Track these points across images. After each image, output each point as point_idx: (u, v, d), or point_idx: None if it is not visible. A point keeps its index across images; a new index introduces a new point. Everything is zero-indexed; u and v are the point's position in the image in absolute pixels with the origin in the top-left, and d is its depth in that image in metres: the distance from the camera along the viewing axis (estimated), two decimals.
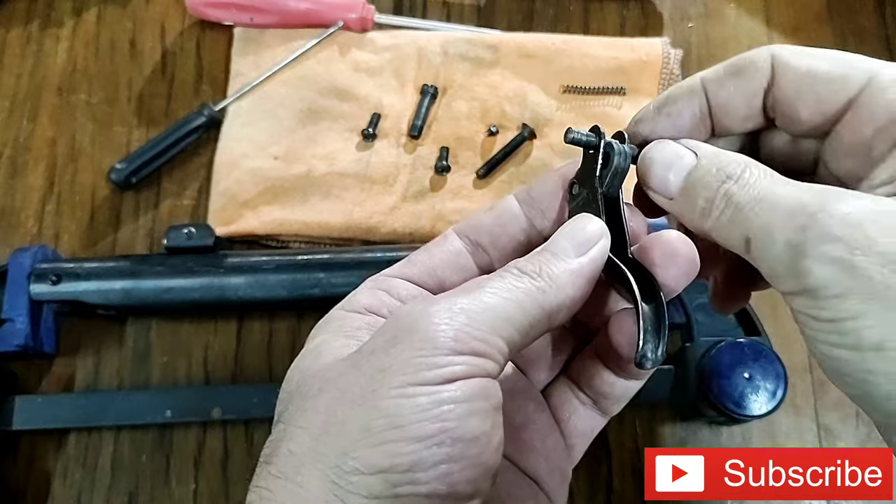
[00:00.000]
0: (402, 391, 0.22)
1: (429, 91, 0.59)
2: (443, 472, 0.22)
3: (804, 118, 0.27)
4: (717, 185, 0.25)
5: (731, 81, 0.27)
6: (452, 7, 0.65)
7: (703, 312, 0.50)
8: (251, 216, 0.56)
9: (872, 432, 0.51)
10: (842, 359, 0.23)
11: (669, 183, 0.27)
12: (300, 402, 0.24)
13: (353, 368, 0.24)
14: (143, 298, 0.51)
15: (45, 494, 0.51)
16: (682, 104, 0.28)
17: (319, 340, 0.27)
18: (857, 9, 0.64)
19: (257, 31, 0.62)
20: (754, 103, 0.28)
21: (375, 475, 0.21)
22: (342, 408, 0.23)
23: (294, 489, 0.22)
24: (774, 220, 0.23)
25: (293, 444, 0.23)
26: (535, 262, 0.26)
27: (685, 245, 0.26)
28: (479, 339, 0.23)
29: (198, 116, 0.58)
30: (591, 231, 0.27)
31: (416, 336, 0.23)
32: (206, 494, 0.50)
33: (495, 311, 0.24)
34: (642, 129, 0.29)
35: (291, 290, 0.51)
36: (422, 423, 0.22)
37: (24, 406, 0.50)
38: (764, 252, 0.24)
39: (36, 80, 0.62)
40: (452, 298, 0.24)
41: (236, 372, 0.54)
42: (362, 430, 0.22)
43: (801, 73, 0.26)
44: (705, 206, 0.26)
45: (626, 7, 0.64)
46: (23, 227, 0.57)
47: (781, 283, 0.24)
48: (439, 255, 0.30)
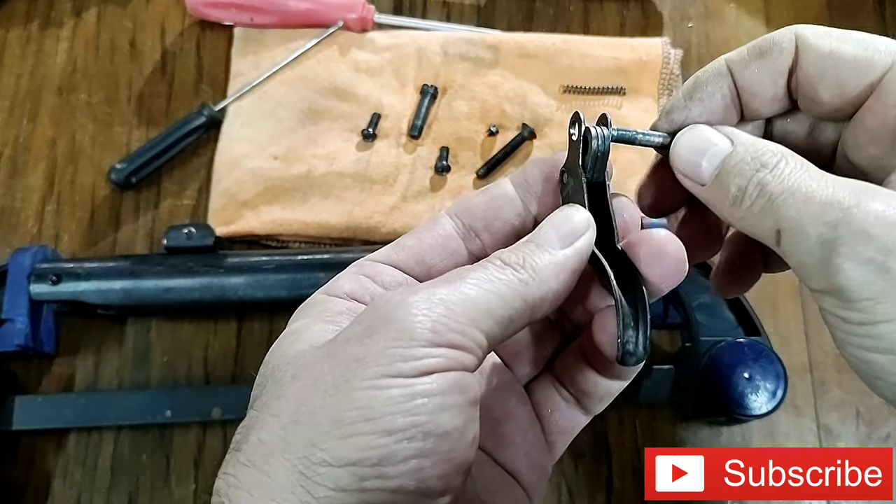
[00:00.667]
0: (375, 382, 0.22)
1: (429, 91, 0.59)
2: (413, 468, 0.22)
3: (825, 100, 0.26)
4: (752, 174, 0.25)
5: (756, 63, 0.27)
6: (452, 7, 0.65)
7: (703, 312, 0.50)
8: (251, 216, 0.56)
9: (872, 432, 0.51)
10: (877, 363, 0.22)
11: (702, 169, 0.26)
12: (274, 388, 0.24)
13: (327, 357, 0.23)
14: (143, 298, 0.51)
15: (45, 494, 0.51)
16: (713, 87, 0.28)
17: (299, 325, 0.26)
18: (857, 9, 0.64)
19: (257, 31, 0.62)
20: (780, 83, 0.27)
21: (343, 468, 0.21)
22: (313, 397, 0.22)
23: (261, 478, 0.22)
24: (807, 214, 0.23)
25: (263, 433, 0.23)
26: (518, 253, 0.25)
27: (673, 245, 0.26)
28: (457, 331, 0.23)
29: (198, 116, 0.58)
30: (578, 222, 0.26)
31: (393, 326, 0.22)
32: (206, 494, 0.50)
33: (475, 302, 0.23)
34: (676, 118, 0.28)
35: (291, 290, 0.51)
36: (394, 416, 0.21)
37: (24, 406, 0.50)
38: (794, 246, 0.23)
39: (36, 80, 0.62)
40: (432, 289, 0.24)
41: (236, 372, 0.54)
42: (332, 421, 0.22)
43: (824, 54, 0.26)
44: (737, 195, 0.25)
45: (626, 7, 0.64)
46: (23, 227, 0.57)
47: (811, 280, 0.23)
48: (428, 239, 0.29)
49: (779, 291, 0.54)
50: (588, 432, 0.51)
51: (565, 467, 0.50)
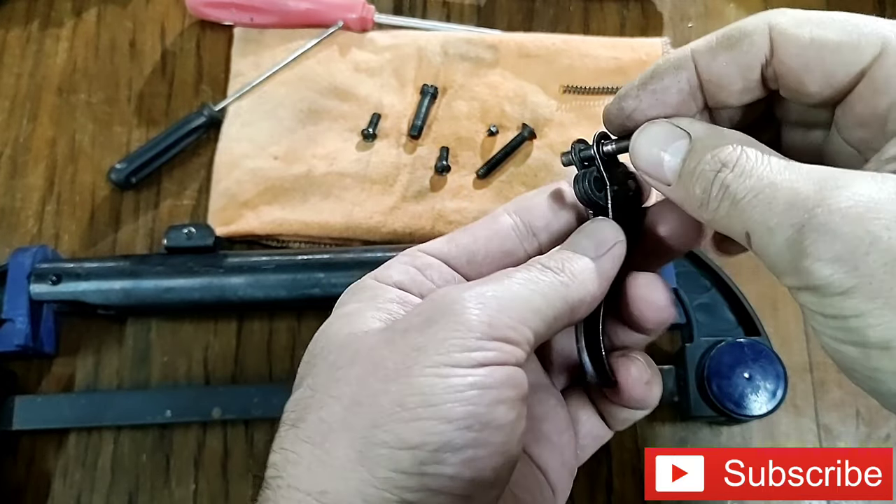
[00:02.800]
0: (436, 370, 0.22)
1: (429, 91, 0.59)
2: (469, 457, 0.22)
3: (812, 91, 0.25)
4: (713, 175, 0.24)
5: (725, 54, 0.26)
6: (452, 7, 0.65)
7: (703, 312, 0.50)
8: (251, 216, 0.56)
9: (872, 432, 0.51)
10: (849, 355, 0.22)
11: (664, 168, 0.26)
12: (329, 370, 0.25)
13: (386, 343, 0.24)
14: (143, 298, 0.51)
15: (45, 494, 0.51)
16: (669, 79, 0.27)
17: (350, 308, 0.27)
18: (856, 9, 0.64)
19: (257, 31, 0.62)
20: (751, 76, 0.26)
21: (404, 450, 0.22)
22: (375, 381, 0.23)
23: (321, 455, 0.23)
24: (772, 216, 0.22)
25: (324, 412, 0.23)
26: (556, 258, 0.27)
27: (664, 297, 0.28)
28: (510, 326, 0.24)
29: (198, 116, 0.58)
30: (608, 232, 0.28)
31: (452, 318, 0.23)
32: (206, 494, 0.50)
33: (525, 300, 0.25)
34: (626, 106, 0.27)
35: (291, 290, 0.51)
36: (454, 404, 0.22)
37: (24, 406, 0.50)
38: (764, 248, 0.23)
39: (36, 80, 0.62)
40: (483, 286, 0.25)
41: (236, 372, 0.54)
42: (395, 405, 0.22)
43: (805, 43, 0.24)
44: (703, 197, 0.24)
45: (626, 7, 0.64)
46: (23, 227, 0.57)
47: (784, 278, 0.23)
48: (484, 238, 0.29)
49: (779, 291, 0.54)
50: None
51: None
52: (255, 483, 0.51)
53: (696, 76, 0.26)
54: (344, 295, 0.28)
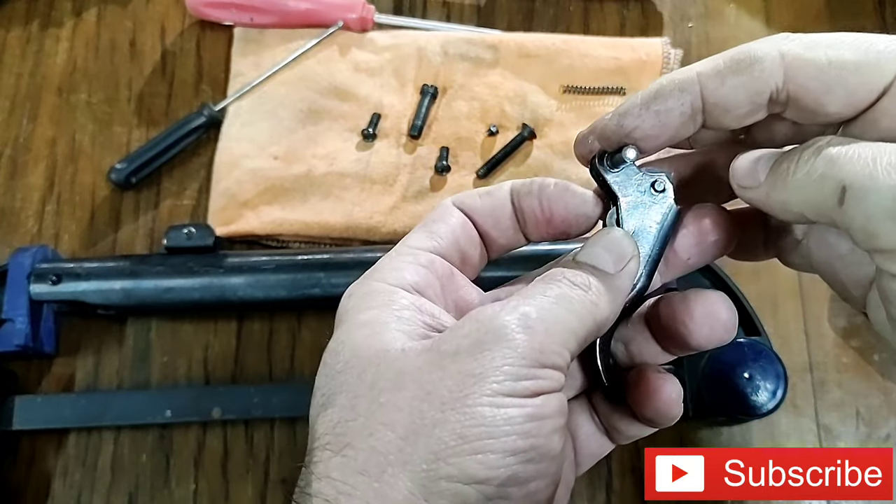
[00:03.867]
0: (493, 400, 0.22)
1: (429, 91, 0.59)
2: (532, 490, 0.22)
3: (831, 112, 0.25)
4: (802, 147, 0.24)
5: (734, 79, 0.26)
6: (452, 7, 0.65)
7: None
8: (251, 216, 0.56)
9: (872, 432, 0.51)
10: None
11: (757, 172, 0.25)
12: (371, 392, 0.23)
13: (436, 368, 0.23)
14: (143, 298, 0.51)
15: (45, 494, 0.51)
16: (673, 102, 0.26)
17: (370, 317, 0.25)
18: (856, 9, 0.64)
19: (257, 31, 0.62)
20: (758, 101, 0.26)
21: (471, 485, 0.21)
22: (431, 409, 0.22)
23: (380, 489, 0.22)
24: (878, 166, 0.21)
25: (375, 441, 0.22)
26: (582, 275, 0.26)
27: (727, 310, 0.28)
28: (556, 352, 0.23)
29: (198, 116, 0.58)
30: (626, 245, 0.27)
31: (504, 345, 0.23)
32: (206, 494, 0.50)
33: (565, 324, 0.24)
34: (627, 124, 0.27)
35: (291, 290, 0.51)
36: (517, 437, 0.22)
37: (24, 406, 0.50)
38: (862, 201, 0.22)
39: (36, 80, 0.62)
40: (524, 306, 0.24)
41: (236, 372, 0.54)
42: (457, 437, 0.22)
43: (823, 66, 0.24)
44: (788, 167, 0.24)
45: (626, 7, 0.64)
46: (23, 227, 0.57)
47: (881, 237, 0.22)
48: (456, 225, 0.29)
49: (779, 291, 0.54)
50: None
51: None
52: (255, 482, 0.51)
53: (700, 99, 0.26)
54: (352, 298, 0.27)
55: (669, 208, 0.28)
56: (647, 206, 0.28)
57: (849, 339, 0.53)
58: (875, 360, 0.53)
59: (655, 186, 0.28)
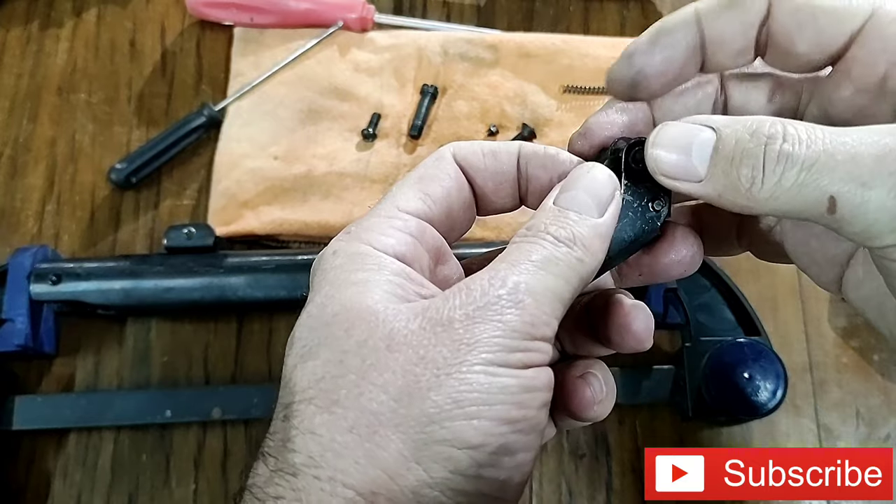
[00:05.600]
0: (487, 369, 0.22)
1: (429, 91, 0.59)
2: (520, 461, 0.22)
3: (801, 52, 0.25)
4: (761, 150, 0.22)
5: (728, 13, 0.26)
6: (452, 7, 0.65)
7: (703, 312, 0.50)
8: (251, 216, 0.56)
9: (872, 432, 0.51)
10: None
11: (693, 164, 0.24)
12: (360, 350, 0.23)
13: (430, 334, 0.23)
14: (143, 298, 0.51)
15: (45, 494, 0.51)
16: (679, 35, 0.26)
17: (360, 278, 0.25)
18: None
19: (257, 31, 0.62)
20: (750, 35, 0.26)
21: (463, 450, 0.21)
22: (426, 373, 0.22)
23: (371, 449, 0.22)
24: (863, 169, 0.21)
25: (366, 401, 0.22)
26: (564, 226, 0.25)
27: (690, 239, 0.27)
28: (545, 323, 0.23)
29: (198, 116, 0.58)
30: (606, 183, 0.26)
31: (497, 319, 0.23)
32: (206, 494, 0.50)
33: (553, 292, 0.24)
34: (637, 62, 0.27)
35: (291, 290, 0.51)
36: (510, 405, 0.22)
37: (24, 406, 0.50)
38: (859, 207, 0.21)
39: (36, 80, 0.62)
40: (515, 276, 0.23)
41: (236, 372, 0.54)
42: (452, 402, 0.22)
43: (800, 4, 0.25)
44: (754, 176, 0.22)
45: (626, 7, 0.64)
46: (23, 227, 0.57)
47: (885, 236, 0.21)
48: (452, 188, 0.29)
49: (779, 291, 0.54)
50: (588, 432, 0.51)
51: (565, 467, 0.50)
52: None
53: (700, 36, 0.27)
54: (338, 257, 0.26)
55: (654, 229, 0.27)
56: (638, 213, 0.28)
57: (849, 339, 0.53)
58: (875, 360, 0.53)
59: (654, 205, 0.28)
